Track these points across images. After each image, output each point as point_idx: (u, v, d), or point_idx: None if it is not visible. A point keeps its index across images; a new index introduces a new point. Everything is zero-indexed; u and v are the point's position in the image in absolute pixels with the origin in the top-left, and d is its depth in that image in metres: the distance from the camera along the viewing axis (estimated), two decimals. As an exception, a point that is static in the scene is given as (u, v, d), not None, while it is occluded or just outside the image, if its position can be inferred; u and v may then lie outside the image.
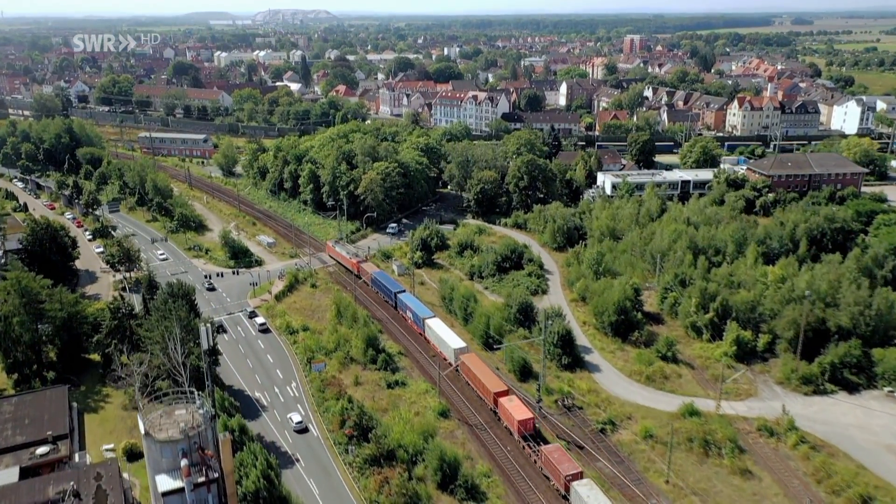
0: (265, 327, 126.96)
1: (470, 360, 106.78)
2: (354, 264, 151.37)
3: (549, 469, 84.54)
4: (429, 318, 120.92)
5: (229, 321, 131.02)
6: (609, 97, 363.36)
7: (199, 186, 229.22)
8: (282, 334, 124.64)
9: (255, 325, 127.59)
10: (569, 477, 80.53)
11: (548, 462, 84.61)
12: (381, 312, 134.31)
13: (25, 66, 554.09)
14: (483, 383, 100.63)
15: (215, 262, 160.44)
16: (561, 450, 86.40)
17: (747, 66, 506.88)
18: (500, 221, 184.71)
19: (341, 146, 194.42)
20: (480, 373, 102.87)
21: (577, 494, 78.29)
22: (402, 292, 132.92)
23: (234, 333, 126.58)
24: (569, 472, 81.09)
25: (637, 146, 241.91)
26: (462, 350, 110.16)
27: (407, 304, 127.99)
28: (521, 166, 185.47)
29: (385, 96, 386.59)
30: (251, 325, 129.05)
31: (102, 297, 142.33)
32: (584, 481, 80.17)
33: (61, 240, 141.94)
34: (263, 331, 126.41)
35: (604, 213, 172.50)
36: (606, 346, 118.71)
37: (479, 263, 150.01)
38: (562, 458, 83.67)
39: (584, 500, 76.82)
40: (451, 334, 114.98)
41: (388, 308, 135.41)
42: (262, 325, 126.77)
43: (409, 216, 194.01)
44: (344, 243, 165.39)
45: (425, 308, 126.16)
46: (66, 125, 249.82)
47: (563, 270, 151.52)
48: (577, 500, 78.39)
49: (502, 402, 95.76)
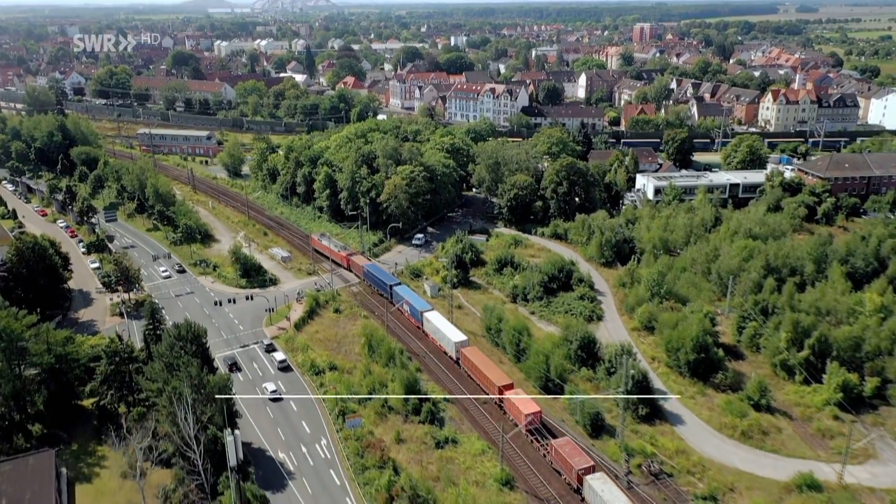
0: (285, 364, 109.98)
1: (471, 353, 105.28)
2: (343, 258, 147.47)
3: (561, 463, 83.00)
4: (427, 311, 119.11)
5: (244, 356, 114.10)
6: (631, 89, 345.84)
7: (204, 189, 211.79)
8: (305, 373, 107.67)
9: (274, 362, 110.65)
10: (581, 471, 79.39)
11: (559, 456, 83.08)
12: (406, 336, 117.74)
13: (20, 57, 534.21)
14: (487, 377, 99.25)
15: (224, 280, 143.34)
16: (572, 443, 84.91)
17: (769, 56, 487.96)
18: (535, 231, 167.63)
19: (360, 147, 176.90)
20: (484, 366, 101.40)
21: (591, 489, 77.06)
22: (398, 285, 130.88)
23: (249, 372, 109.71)
24: (581, 465, 79.97)
25: (674, 144, 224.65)
26: (463, 343, 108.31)
27: (404, 297, 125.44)
28: (560, 170, 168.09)
29: (395, 88, 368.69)
30: (269, 360, 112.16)
31: (98, 324, 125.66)
32: (597, 475, 78.71)
33: (50, 260, 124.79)
34: (284, 369, 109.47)
35: (654, 224, 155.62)
36: (685, 390, 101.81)
37: (522, 284, 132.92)
38: (573, 452, 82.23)
39: (598, 494, 75.59)
40: (450, 327, 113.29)
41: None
42: (281, 363, 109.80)
43: (435, 224, 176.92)
44: (329, 236, 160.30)
45: (423, 301, 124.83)
46: (59, 122, 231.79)
47: (617, 292, 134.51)
48: (590, 495, 77.35)
49: (508, 396, 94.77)
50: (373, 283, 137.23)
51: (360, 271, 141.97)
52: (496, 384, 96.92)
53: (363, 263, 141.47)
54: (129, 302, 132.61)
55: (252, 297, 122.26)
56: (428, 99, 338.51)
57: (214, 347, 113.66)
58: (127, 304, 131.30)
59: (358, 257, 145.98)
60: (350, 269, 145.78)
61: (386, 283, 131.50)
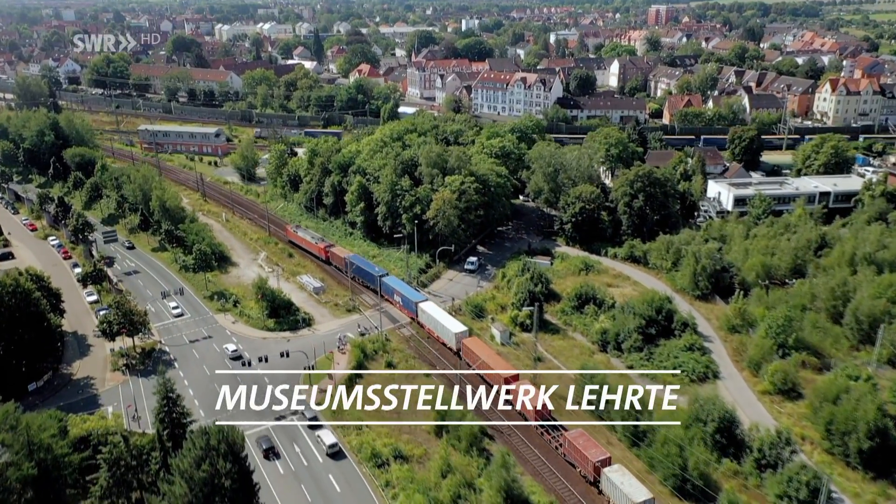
0: (336, 449, 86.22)
1: (473, 344, 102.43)
2: (321, 250, 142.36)
3: (575, 455, 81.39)
4: (422, 301, 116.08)
5: (281, 433, 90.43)
6: (670, 77, 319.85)
7: (214, 196, 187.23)
8: (363, 464, 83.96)
9: (322, 445, 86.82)
10: (598, 463, 77.91)
11: (573, 448, 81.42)
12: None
13: (11, 42, 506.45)
14: (492, 368, 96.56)
15: (248, 319, 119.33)
16: (586, 435, 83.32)
17: (804, 41, 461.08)
18: (605, 251, 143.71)
19: (398, 153, 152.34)
20: (487, 357, 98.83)
21: (609, 481, 75.78)
22: (386, 275, 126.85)
23: (289, 459, 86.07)
24: (598, 458, 78.38)
25: (742, 143, 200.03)
26: (463, 334, 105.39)
27: (395, 287, 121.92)
28: (635, 180, 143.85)
29: (414, 77, 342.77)
30: (314, 442, 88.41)
31: (96, 383, 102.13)
32: (614, 467, 77.52)
33: (37, 305, 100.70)
34: (334, 454, 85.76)
35: (752, 246, 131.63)
36: (861, 490, 78.23)
37: (613, 329, 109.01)
38: (588, 444, 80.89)
39: (617, 486, 74.47)
40: (448, 318, 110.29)
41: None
42: (332, 448, 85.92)
43: (484, 241, 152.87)
44: (307, 228, 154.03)
45: (416, 292, 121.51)
46: (51, 120, 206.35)
47: (727, 338, 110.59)
48: (608, 487, 76.12)
49: (515, 388, 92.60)
50: (356, 275, 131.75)
51: (340, 262, 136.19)
52: (503, 376, 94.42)
53: (344, 255, 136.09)
54: (134, 352, 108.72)
55: (288, 353, 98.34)
56: (451, 89, 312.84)
57: (242, 418, 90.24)
58: (131, 356, 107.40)
59: (337, 248, 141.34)
60: (329, 261, 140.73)
61: (373, 273, 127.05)
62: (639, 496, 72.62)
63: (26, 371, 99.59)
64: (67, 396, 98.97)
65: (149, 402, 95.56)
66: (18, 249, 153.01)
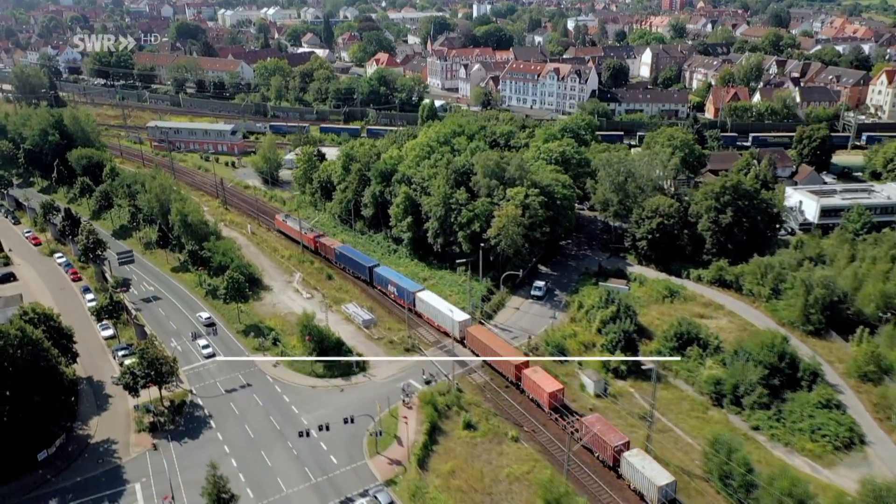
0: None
1: (479, 332, 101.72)
2: (310, 240, 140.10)
3: (593, 441, 80.00)
4: (419, 291, 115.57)
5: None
6: (707, 67, 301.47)
7: (235, 203, 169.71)
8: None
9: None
10: (618, 448, 77.27)
11: (591, 434, 79.76)
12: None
13: (8, 28, 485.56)
14: (502, 356, 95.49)
15: (293, 364, 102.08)
16: (603, 420, 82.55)
17: (836, 27, 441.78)
18: (687, 273, 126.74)
19: (449, 161, 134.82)
20: (496, 346, 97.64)
21: (629, 465, 75.32)
22: (377, 266, 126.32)
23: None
24: (617, 442, 77.75)
25: (811, 143, 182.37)
26: (467, 322, 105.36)
27: (388, 278, 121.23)
28: (722, 192, 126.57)
29: (435, 66, 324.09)
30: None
31: (119, 451, 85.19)
32: (634, 451, 77.14)
33: (48, 359, 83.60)
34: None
35: (864, 270, 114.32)
36: None
37: (730, 379, 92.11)
38: (606, 429, 79.95)
39: (638, 469, 74.10)
40: (448, 305, 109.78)
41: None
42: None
43: (544, 260, 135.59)
44: (294, 217, 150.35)
45: (411, 281, 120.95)
46: (54, 118, 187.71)
47: (858, 386, 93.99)
48: (629, 471, 75.61)
49: (527, 374, 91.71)
50: (347, 266, 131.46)
51: (330, 253, 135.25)
52: (513, 363, 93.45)
53: (334, 245, 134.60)
54: (161, 406, 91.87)
55: (353, 419, 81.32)
56: (476, 80, 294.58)
57: (298, 499, 73.79)
58: (158, 411, 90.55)
59: (326, 238, 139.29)
60: (318, 251, 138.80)
61: (364, 264, 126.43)
62: (661, 479, 72.73)
63: (35, 436, 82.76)
64: (85, 469, 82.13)
65: (184, 476, 79.56)
66: (21, 268, 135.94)
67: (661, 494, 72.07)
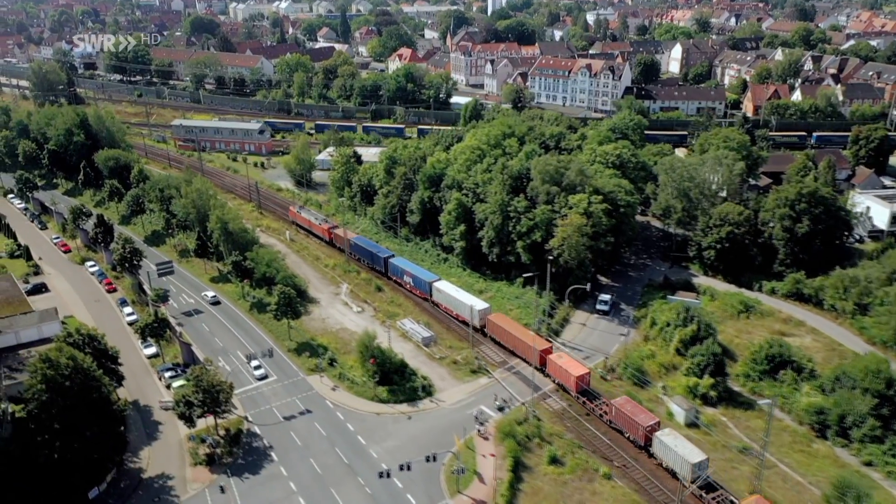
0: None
1: (499, 320, 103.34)
2: (325, 230, 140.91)
3: (623, 422, 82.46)
4: (436, 281, 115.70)
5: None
6: (740, 63, 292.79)
7: (270, 208, 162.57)
8: None
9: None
10: (649, 427, 79.25)
11: (621, 415, 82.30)
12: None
13: (19, 22, 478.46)
14: (525, 343, 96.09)
15: (352, 386, 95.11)
16: (632, 401, 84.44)
17: (865, 22, 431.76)
18: (759, 286, 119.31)
19: (504, 165, 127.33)
20: (518, 332, 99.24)
21: (662, 444, 77.14)
22: (393, 256, 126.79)
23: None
24: (648, 423, 79.82)
25: (869, 144, 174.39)
26: (486, 311, 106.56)
27: (404, 268, 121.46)
28: (797, 200, 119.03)
29: (459, 62, 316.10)
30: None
31: (176, 488, 77.75)
32: (665, 431, 78.74)
33: (98, 388, 76.68)
34: None
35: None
36: None
37: (834, 408, 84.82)
38: (636, 410, 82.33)
39: (671, 448, 75.88)
40: (466, 294, 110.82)
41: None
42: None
43: (603, 270, 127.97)
44: (309, 208, 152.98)
45: (427, 271, 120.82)
46: (79, 117, 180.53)
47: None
48: (661, 449, 77.54)
49: (552, 360, 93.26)
50: (362, 256, 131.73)
51: (344, 244, 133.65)
52: (537, 349, 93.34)
53: (349, 236, 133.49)
54: (217, 435, 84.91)
55: (435, 457, 74.16)
56: (503, 76, 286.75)
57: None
58: (214, 441, 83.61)
59: (341, 230, 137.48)
60: (332, 242, 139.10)
61: (380, 255, 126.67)
62: (694, 457, 74.31)
63: (86, 472, 75.89)
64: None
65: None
66: (52, 278, 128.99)
67: (695, 470, 73.43)
